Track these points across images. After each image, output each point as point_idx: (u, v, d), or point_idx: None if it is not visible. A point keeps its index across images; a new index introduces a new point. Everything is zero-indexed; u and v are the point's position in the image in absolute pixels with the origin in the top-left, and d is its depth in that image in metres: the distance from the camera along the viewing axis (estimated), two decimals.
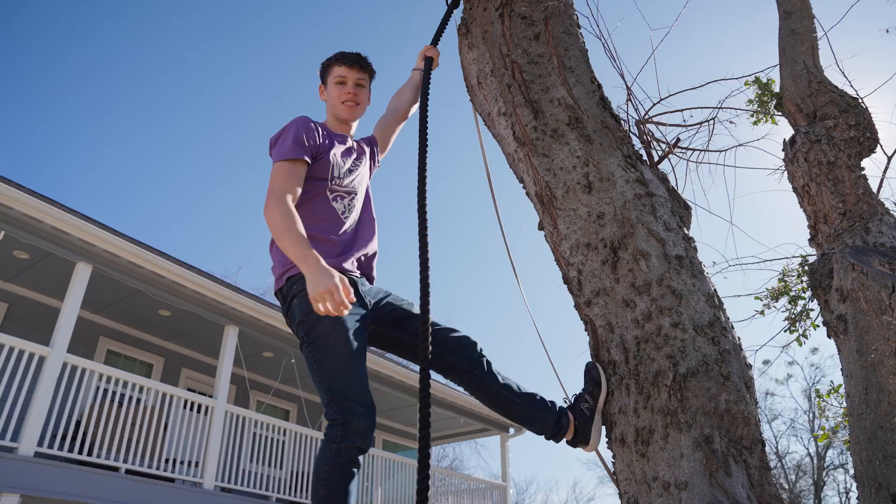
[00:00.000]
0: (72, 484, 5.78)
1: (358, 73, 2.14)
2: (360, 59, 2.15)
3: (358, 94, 2.13)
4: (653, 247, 1.87)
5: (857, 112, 2.54)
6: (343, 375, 1.68)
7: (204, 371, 9.46)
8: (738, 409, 1.67)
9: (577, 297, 2.00)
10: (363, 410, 1.65)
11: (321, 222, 1.92)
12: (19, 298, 7.72)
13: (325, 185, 1.96)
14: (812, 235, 2.52)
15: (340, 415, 1.64)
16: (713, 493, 1.55)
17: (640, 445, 1.69)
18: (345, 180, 2.01)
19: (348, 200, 2.01)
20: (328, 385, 1.69)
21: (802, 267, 2.56)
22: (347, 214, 1.99)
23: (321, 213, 1.93)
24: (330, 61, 2.17)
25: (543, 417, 1.88)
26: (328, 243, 1.89)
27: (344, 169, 2.02)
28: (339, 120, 2.14)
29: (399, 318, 1.92)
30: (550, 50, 2.19)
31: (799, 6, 3.10)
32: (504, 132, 2.24)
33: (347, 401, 1.65)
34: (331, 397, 1.67)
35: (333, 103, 2.13)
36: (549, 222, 2.08)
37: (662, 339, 1.75)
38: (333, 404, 1.66)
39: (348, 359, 1.69)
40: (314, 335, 1.73)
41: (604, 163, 2.01)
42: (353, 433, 1.62)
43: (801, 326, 2.41)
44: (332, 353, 1.70)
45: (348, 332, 1.72)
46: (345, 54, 2.14)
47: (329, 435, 1.65)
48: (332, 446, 1.62)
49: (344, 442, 1.62)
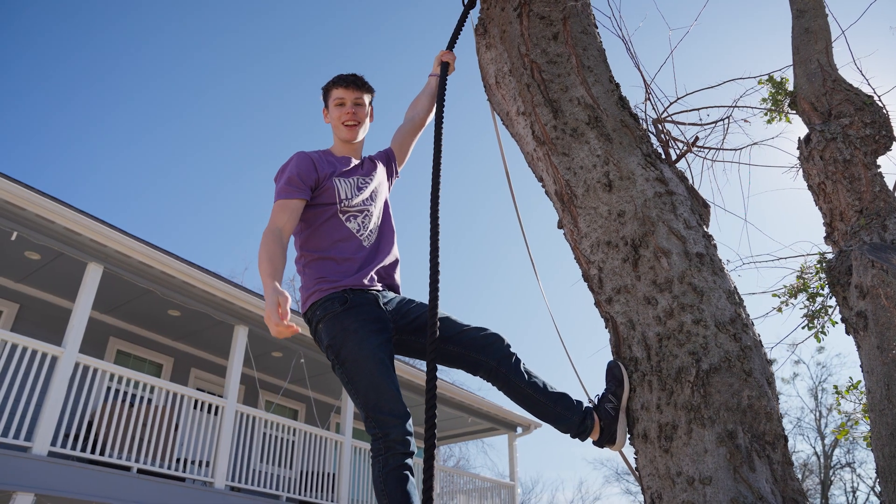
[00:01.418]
0: (85, 483, 5.83)
1: (355, 93, 2.21)
2: (357, 78, 2.22)
3: (357, 114, 2.20)
4: (674, 244, 1.89)
5: (872, 110, 2.55)
6: (375, 392, 1.76)
7: (213, 371, 9.51)
8: (760, 404, 1.68)
9: (597, 294, 2.02)
10: (398, 422, 1.74)
11: (337, 244, 2.01)
12: (30, 299, 7.78)
13: (335, 207, 2.05)
14: (828, 233, 2.53)
15: (379, 429, 1.74)
16: (737, 488, 1.56)
17: (664, 441, 1.71)
18: (354, 200, 2.08)
19: (362, 218, 2.08)
20: (363, 402, 1.78)
21: (821, 264, 2.57)
22: (363, 231, 2.06)
23: (336, 235, 2.02)
24: (328, 85, 2.25)
25: (569, 417, 1.90)
26: (347, 262, 1.97)
27: (350, 190, 2.09)
28: (343, 141, 2.21)
29: (422, 326, 1.97)
30: (569, 49, 2.21)
31: (812, 4, 3.10)
32: (523, 131, 2.26)
33: (382, 415, 1.74)
34: (367, 413, 1.77)
35: (335, 125, 2.21)
36: (569, 220, 2.10)
37: (685, 335, 1.76)
38: (371, 420, 1.76)
39: (377, 374, 1.77)
40: (343, 357, 1.82)
41: (624, 161, 2.02)
42: (393, 443, 1.71)
43: (818, 323, 2.42)
44: (362, 372, 1.79)
45: (373, 348, 1.80)
46: (342, 77, 2.22)
47: (374, 450, 1.74)
48: (380, 459, 1.72)
49: (388, 453, 1.71)
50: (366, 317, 1.87)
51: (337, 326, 1.85)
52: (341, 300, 1.88)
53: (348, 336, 1.82)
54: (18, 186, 5.98)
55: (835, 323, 2.46)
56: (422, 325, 1.96)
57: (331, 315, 1.87)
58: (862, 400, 2.61)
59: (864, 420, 2.65)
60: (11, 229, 6.18)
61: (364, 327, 1.83)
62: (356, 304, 1.88)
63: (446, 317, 1.99)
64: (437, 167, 2.13)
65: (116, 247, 6.71)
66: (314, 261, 2.00)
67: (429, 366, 1.74)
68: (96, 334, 8.03)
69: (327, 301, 1.89)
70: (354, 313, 1.86)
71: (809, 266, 2.57)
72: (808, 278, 2.48)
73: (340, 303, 1.88)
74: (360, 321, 1.85)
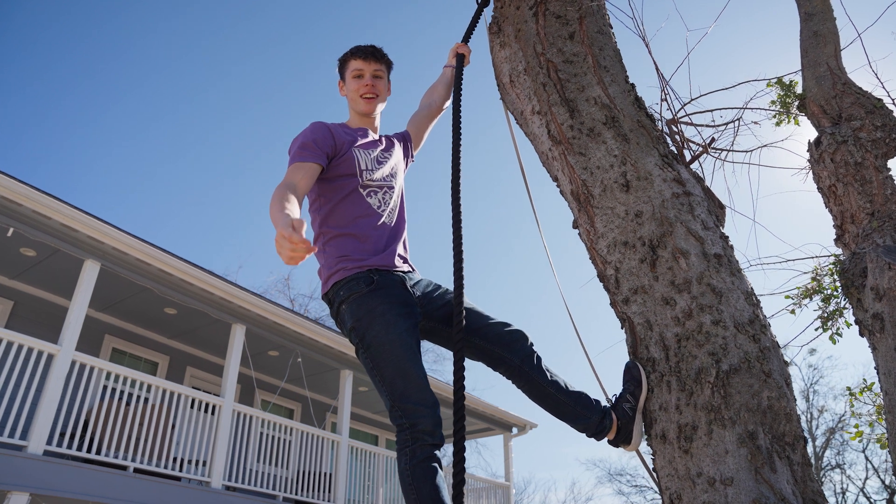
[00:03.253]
0: (81, 483, 5.77)
1: (374, 65, 2.14)
2: (375, 50, 2.15)
3: (376, 86, 2.13)
4: (692, 245, 1.89)
5: (883, 113, 2.56)
6: (403, 379, 1.68)
7: (209, 370, 9.45)
8: (780, 405, 1.68)
9: (613, 294, 2.01)
10: (427, 411, 1.65)
11: (358, 220, 1.91)
12: (25, 296, 7.70)
13: (356, 180, 1.96)
14: (838, 235, 2.54)
15: (406, 419, 1.64)
16: (759, 489, 1.56)
17: (683, 442, 1.71)
18: (375, 173, 2.00)
19: (382, 194, 2.00)
20: (389, 391, 1.69)
21: (835, 266, 2.58)
22: (384, 208, 1.98)
23: (357, 211, 1.93)
24: (346, 56, 2.17)
25: (588, 416, 1.89)
26: (369, 239, 1.89)
27: (371, 160, 2.01)
28: (361, 114, 2.13)
29: (449, 315, 1.90)
30: (585, 49, 2.21)
31: (821, 8, 3.12)
32: (538, 130, 2.25)
33: (409, 403, 1.65)
34: (393, 402, 1.67)
35: (353, 97, 2.14)
36: (585, 220, 2.09)
37: (704, 336, 1.76)
38: (397, 409, 1.66)
39: (405, 360, 1.69)
40: (368, 340, 1.73)
41: (641, 162, 2.02)
42: (421, 433, 1.63)
43: (832, 325, 2.44)
44: (388, 357, 1.69)
45: (401, 332, 1.72)
46: (360, 48, 2.15)
47: (400, 441, 1.65)
48: (406, 450, 1.63)
49: (415, 444, 1.62)
50: (393, 299, 1.77)
51: (362, 308, 1.75)
52: (367, 280, 1.78)
53: (375, 319, 1.72)
54: (15, 182, 5.91)
55: (849, 325, 2.48)
56: (449, 313, 1.89)
57: (356, 296, 1.77)
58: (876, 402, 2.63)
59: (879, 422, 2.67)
60: (7, 225, 6.12)
61: (392, 310, 1.74)
62: (383, 286, 1.79)
63: (472, 308, 1.94)
64: (457, 156, 2.10)
65: (114, 244, 6.66)
66: (334, 238, 1.89)
67: (456, 356, 1.69)
68: (91, 332, 7.96)
69: (352, 281, 1.79)
70: (381, 294, 1.77)
71: (823, 267, 2.58)
72: (824, 280, 2.48)
73: (366, 283, 1.78)
74: (388, 303, 1.75)
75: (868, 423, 2.78)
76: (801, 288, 2.51)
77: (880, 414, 2.60)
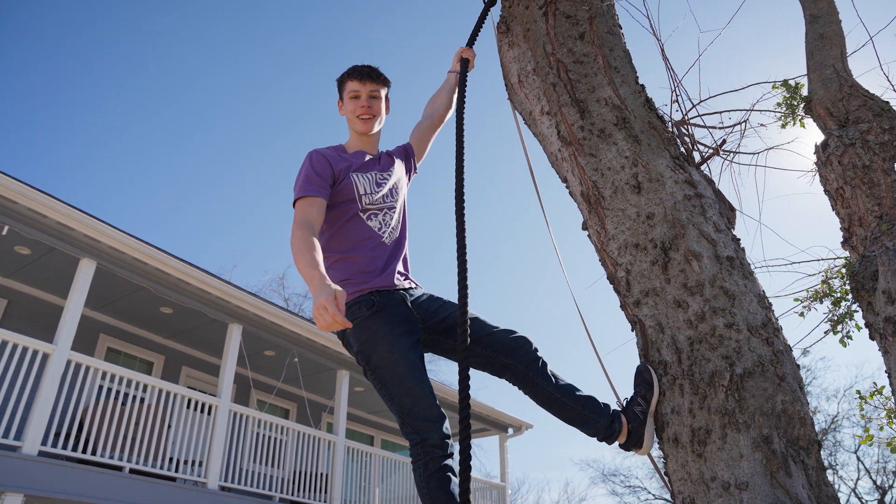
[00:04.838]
0: (76, 483, 5.72)
1: (370, 85, 2.16)
2: (372, 70, 2.17)
3: (373, 106, 2.16)
4: (704, 248, 1.87)
5: (891, 116, 2.56)
6: (410, 397, 1.75)
7: (204, 370, 9.40)
8: (794, 409, 1.67)
9: (624, 297, 2.00)
10: (434, 426, 1.73)
11: (359, 244, 1.96)
12: (19, 295, 7.63)
13: (356, 206, 2.00)
14: (846, 238, 2.54)
15: (416, 434, 1.73)
16: (775, 494, 1.55)
17: (697, 445, 1.69)
18: (375, 196, 2.03)
19: (383, 216, 2.04)
20: (398, 408, 1.76)
21: (845, 269, 2.57)
22: (385, 229, 2.03)
23: (358, 235, 1.97)
24: (343, 77, 2.20)
25: (597, 421, 1.88)
26: (370, 261, 1.93)
27: (370, 185, 2.04)
28: (359, 133, 2.17)
29: (451, 327, 1.94)
30: (595, 50, 2.19)
31: (826, 10, 3.12)
32: (547, 131, 2.24)
33: (418, 420, 1.73)
34: (403, 419, 1.75)
35: (350, 118, 2.17)
36: (595, 222, 2.08)
37: (717, 339, 1.75)
38: (407, 425, 1.75)
39: (410, 378, 1.75)
40: (374, 362, 1.80)
41: (652, 163, 2.01)
42: (431, 448, 1.71)
43: (842, 328, 2.43)
44: (394, 377, 1.76)
45: (405, 351, 1.78)
46: (356, 68, 2.17)
47: (413, 455, 1.73)
48: (420, 464, 1.71)
49: (427, 457, 1.70)
50: (394, 319, 1.84)
51: (366, 332, 1.82)
52: (368, 304, 1.85)
53: (378, 341, 1.79)
54: (10, 180, 5.86)
55: (860, 328, 2.48)
56: (451, 325, 1.93)
57: (358, 320, 1.84)
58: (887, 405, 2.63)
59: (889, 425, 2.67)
60: (2, 223, 6.06)
61: (393, 330, 1.81)
62: (384, 306, 1.85)
63: (475, 317, 1.95)
64: (461, 164, 2.09)
65: (111, 243, 6.60)
66: (337, 262, 1.96)
67: (461, 366, 1.71)
68: (86, 331, 7.89)
69: (354, 305, 1.86)
70: (382, 316, 1.83)
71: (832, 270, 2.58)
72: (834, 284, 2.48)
73: (368, 306, 1.84)
74: (389, 324, 1.82)
75: (879, 427, 2.79)
76: (810, 290, 2.51)
77: (891, 417, 2.60)
